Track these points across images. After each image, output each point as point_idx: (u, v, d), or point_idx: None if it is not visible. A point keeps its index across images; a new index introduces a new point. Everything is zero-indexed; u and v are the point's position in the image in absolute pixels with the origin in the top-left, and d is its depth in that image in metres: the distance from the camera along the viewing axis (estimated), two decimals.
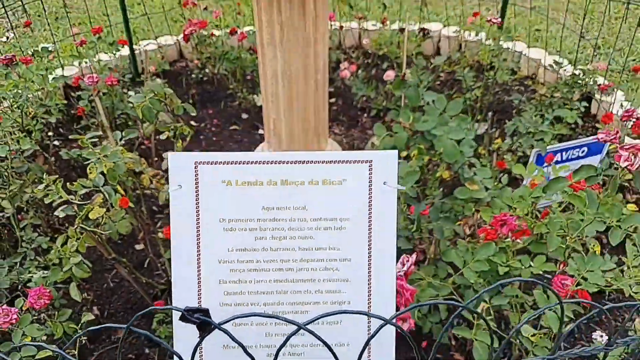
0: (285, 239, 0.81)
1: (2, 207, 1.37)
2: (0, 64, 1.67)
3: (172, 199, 0.82)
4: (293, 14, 1.43)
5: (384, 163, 0.79)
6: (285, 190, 0.79)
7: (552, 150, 1.49)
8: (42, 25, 2.68)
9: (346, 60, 2.55)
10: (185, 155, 0.80)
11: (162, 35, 2.83)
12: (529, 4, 2.68)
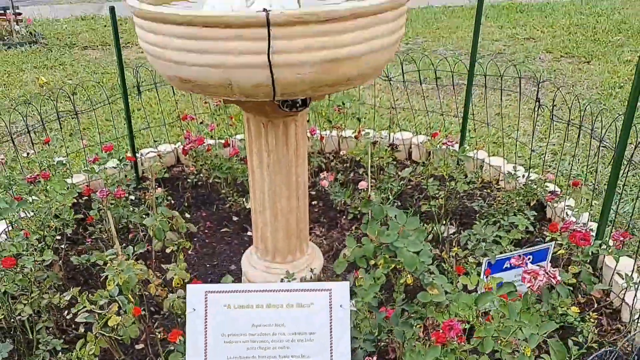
0: (269, 348, 1.03)
1: (21, 311, 1.56)
2: (26, 182, 1.92)
3: (188, 320, 1.04)
4: (278, 144, 1.71)
5: (340, 291, 1.06)
6: (269, 311, 1.02)
7: (500, 259, 1.73)
8: (58, 141, 2.98)
9: (326, 165, 2.85)
10: (199, 287, 1.04)
11: (162, 143, 3.14)
12: (486, 119, 3.04)
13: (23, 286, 1.58)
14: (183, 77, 1.37)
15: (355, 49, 1.32)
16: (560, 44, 5.39)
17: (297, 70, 1.29)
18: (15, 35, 5.77)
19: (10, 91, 4.51)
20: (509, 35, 5.85)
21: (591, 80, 4.30)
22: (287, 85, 1.32)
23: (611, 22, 6.09)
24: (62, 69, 5.11)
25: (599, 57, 4.88)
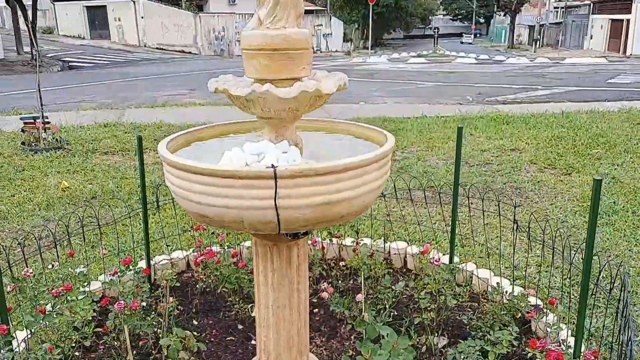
0: None
1: None
2: (51, 295, 2.16)
3: None
4: (282, 264, 1.97)
5: None
6: None
7: None
8: (79, 246, 3.26)
9: (327, 273, 3.09)
10: None
11: (175, 250, 3.40)
12: (472, 238, 3.31)
13: None
14: (202, 214, 1.66)
15: (346, 194, 1.62)
16: (543, 155, 5.79)
17: (299, 212, 1.58)
18: (42, 141, 6.24)
19: (35, 195, 4.85)
20: (496, 146, 6.28)
21: (571, 192, 4.62)
22: (290, 223, 1.61)
23: (589, 135, 6.55)
24: (83, 174, 5.50)
25: (579, 170, 5.24)
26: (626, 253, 3.49)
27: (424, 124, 7.81)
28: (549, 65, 23.00)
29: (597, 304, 2.78)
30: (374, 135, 2.04)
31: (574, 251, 2.66)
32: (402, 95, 12.80)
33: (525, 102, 10.83)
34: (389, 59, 31.20)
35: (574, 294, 2.84)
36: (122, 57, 31.25)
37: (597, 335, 2.59)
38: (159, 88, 14.51)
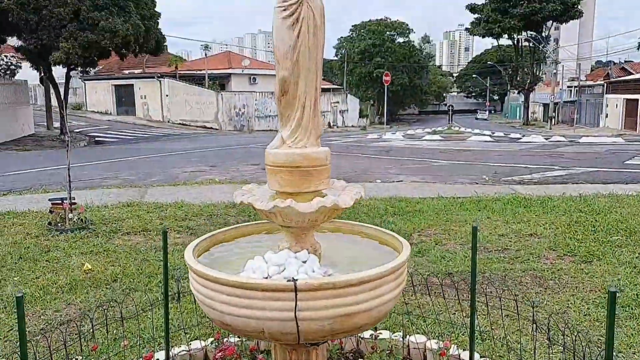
0: None
1: None
2: None
3: None
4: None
5: None
6: None
7: None
8: (103, 342, 3.32)
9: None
10: None
11: (193, 340, 3.43)
12: (491, 331, 3.30)
13: None
14: (225, 322, 1.74)
15: (364, 306, 1.69)
16: (562, 241, 5.78)
17: (318, 324, 1.65)
18: (68, 222, 6.44)
19: (58, 278, 4.95)
20: (514, 231, 6.30)
21: (592, 282, 4.59)
22: (309, 334, 1.68)
23: (609, 221, 6.55)
24: (105, 255, 5.62)
25: (600, 257, 5.21)
26: None
27: (440, 206, 7.88)
28: (564, 144, 23.20)
29: None
30: (389, 240, 2.13)
31: (597, 347, 2.64)
32: (418, 173, 12.98)
33: (542, 182, 10.90)
34: (404, 135, 31.81)
35: None
36: (147, 132, 32.38)
37: None
38: (181, 164, 14.92)
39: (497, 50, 64.90)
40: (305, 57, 1.82)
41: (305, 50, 1.82)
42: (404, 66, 65.37)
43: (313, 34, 1.81)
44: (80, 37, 21.33)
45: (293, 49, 1.81)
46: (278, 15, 1.80)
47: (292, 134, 1.89)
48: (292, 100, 1.87)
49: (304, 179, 1.86)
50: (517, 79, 55.37)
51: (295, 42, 1.80)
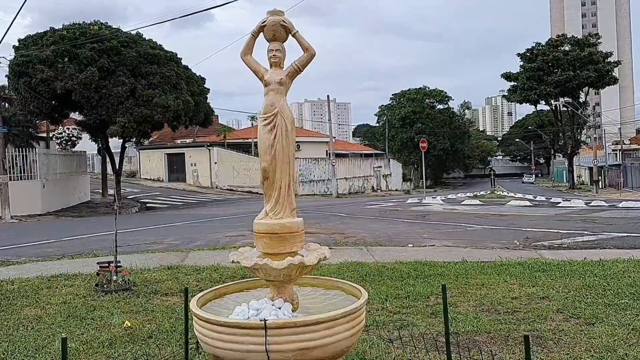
0: None
1: None
2: None
3: None
4: None
5: None
6: None
7: None
8: None
9: None
10: None
11: None
12: None
13: None
14: (216, 355, 2.27)
15: (320, 342, 2.19)
16: (571, 304, 6.00)
17: (284, 355, 2.15)
18: (113, 283, 7.14)
19: (101, 334, 5.56)
20: (527, 294, 6.55)
21: (590, 342, 4.82)
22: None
23: (620, 285, 6.70)
24: (144, 314, 6.22)
25: (603, 319, 5.42)
26: None
27: (462, 270, 8.18)
28: (603, 208, 22.84)
29: None
30: (356, 292, 2.63)
31: None
32: (451, 237, 13.21)
33: (571, 247, 10.96)
34: (444, 199, 31.91)
35: None
36: (195, 198, 33.86)
37: None
38: (223, 229, 15.71)
39: (538, 115, 65.10)
40: (280, 153, 2.43)
41: (280, 147, 2.42)
42: (444, 132, 66.20)
43: (285, 136, 2.42)
44: (136, 112, 23.19)
45: (271, 147, 2.42)
46: (261, 122, 2.44)
47: (272, 208, 2.46)
48: (271, 184, 2.47)
49: (280, 243, 2.41)
50: (559, 143, 54.97)
51: (273, 142, 2.42)
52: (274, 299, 2.41)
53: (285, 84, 2.45)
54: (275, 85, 2.44)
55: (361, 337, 5.10)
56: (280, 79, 2.44)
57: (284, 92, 2.47)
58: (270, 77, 2.46)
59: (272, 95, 2.45)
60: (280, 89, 2.45)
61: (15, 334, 5.54)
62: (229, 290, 2.76)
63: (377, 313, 5.90)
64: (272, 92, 2.45)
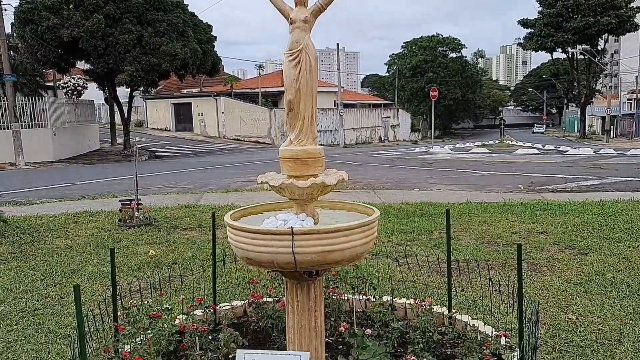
0: None
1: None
2: (150, 318, 3.16)
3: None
4: (303, 297, 2.88)
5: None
6: None
7: None
8: (168, 292, 4.32)
9: (350, 322, 3.91)
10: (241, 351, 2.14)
11: (235, 300, 4.36)
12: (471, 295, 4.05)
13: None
14: (248, 257, 2.64)
15: (339, 247, 2.55)
16: (568, 238, 6.39)
17: (307, 257, 2.52)
18: (135, 219, 7.58)
19: (128, 261, 6.03)
20: (527, 229, 6.93)
21: (581, 269, 5.22)
22: (302, 264, 2.55)
23: (617, 222, 7.06)
24: (166, 245, 6.68)
25: (596, 250, 5.81)
26: (609, 315, 4.06)
27: (466, 209, 8.56)
28: (611, 156, 23.03)
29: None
30: (369, 211, 2.97)
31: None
32: (456, 183, 13.55)
33: (574, 191, 11.29)
34: (452, 148, 32.08)
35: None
36: (203, 147, 34.19)
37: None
38: (233, 175, 16.13)
39: (553, 64, 63.89)
40: (304, 86, 2.71)
41: (304, 81, 2.71)
42: (456, 81, 65.37)
43: (309, 71, 2.70)
44: (143, 61, 23.22)
45: (295, 81, 2.71)
46: (286, 59, 2.71)
47: (297, 136, 2.77)
48: (296, 115, 2.76)
49: (303, 166, 2.74)
50: (573, 92, 54.30)
51: (297, 76, 2.70)
52: (298, 214, 2.75)
53: (310, 22, 2.70)
54: (300, 23, 2.69)
55: (370, 261, 5.54)
56: (305, 17, 2.69)
57: (309, 29, 2.72)
58: (295, 16, 2.71)
59: (297, 33, 2.71)
60: (305, 27, 2.70)
61: (50, 259, 6.02)
62: (255, 210, 3.11)
63: (384, 245, 6.31)
64: (297, 29, 2.71)
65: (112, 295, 3.33)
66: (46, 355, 3.73)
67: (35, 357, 3.71)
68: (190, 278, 5.16)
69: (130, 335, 3.12)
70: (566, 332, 3.84)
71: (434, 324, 3.54)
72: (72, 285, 3.06)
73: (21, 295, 4.94)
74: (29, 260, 6.02)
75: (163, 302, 3.86)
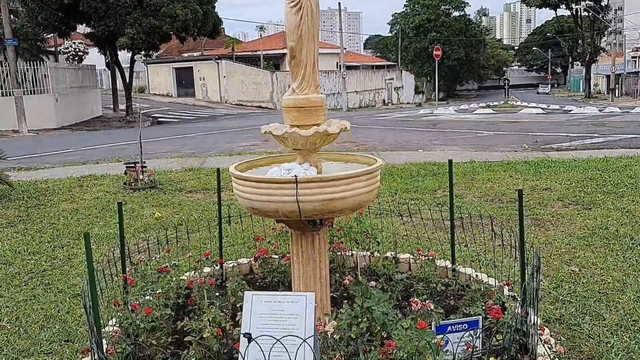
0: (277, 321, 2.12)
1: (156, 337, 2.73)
2: (157, 272, 3.20)
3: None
4: (308, 248, 2.90)
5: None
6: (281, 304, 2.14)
7: (446, 324, 2.72)
8: (175, 250, 4.36)
9: (354, 276, 3.95)
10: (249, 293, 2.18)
11: (241, 258, 4.41)
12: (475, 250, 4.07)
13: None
14: (253, 207, 2.65)
15: (342, 195, 2.55)
16: (571, 194, 6.38)
17: (311, 205, 2.53)
18: (140, 182, 7.61)
19: (135, 222, 6.08)
20: (531, 186, 6.93)
21: (584, 223, 5.23)
22: (306, 212, 2.56)
23: (620, 177, 7.04)
24: (172, 207, 6.72)
25: (600, 205, 5.81)
26: (612, 267, 4.09)
27: (470, 168, 8.54)
28: (616, 114, 22.80)
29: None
30: (372, 162, 2.96)
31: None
32: (460, 143, 13.48)
33: (579, 149, 11.23)
34: (456, 109, 31.81)
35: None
36: (205, 112, 34.02)
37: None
38: (236, 139, 16.08)
39: (557, 21, 62.48)
40: (306, 33, 2.66)
41: (306, 28, 2.66)
42: (460, 40, 64.25)
43: (311, 17, 2.65)
44: (144, 23, 22.88)
45: (297, 27, 2.66)
46: (288, 4, 2.66)
47: (299, 85, 2.74)
48: (298, 62, 2.72)
49: (306, 115, 2.72)
50: (578, 50, 53.30)
51: (299, 22, 2.65)
52: (302, 164, 2.75)
53: None
54: None
55: (374, 220, 5.56)
56: None
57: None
58: None
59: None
60: None
61: (57, 222, 6.08)
62: (259, 163, 3.11)
63: (387, 204, 6.32)
64: None
65: (121, 250, 3.37)
66: (56, 313, 3.79)
67: (46, 315, 3.77)
68: (197, 238, 5.21)
69: (140, 288, 3.17)
70: (569, 284, 3.87)
71: (438, 276, 3.57)
72: (83, 234, 3.07)
73: (29, 257, 5.00)
74: (35, 223, 6.08)
75: (171, 258, 3.92)
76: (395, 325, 2.49)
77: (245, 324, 2.22)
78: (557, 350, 2.60)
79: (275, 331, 2.10)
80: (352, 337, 2.50)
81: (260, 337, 1.92)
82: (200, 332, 2.47)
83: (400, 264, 3.94)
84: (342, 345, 2.43)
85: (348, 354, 2.43)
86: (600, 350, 2.95)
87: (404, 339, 2.27)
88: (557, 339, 2.94)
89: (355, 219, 4.11)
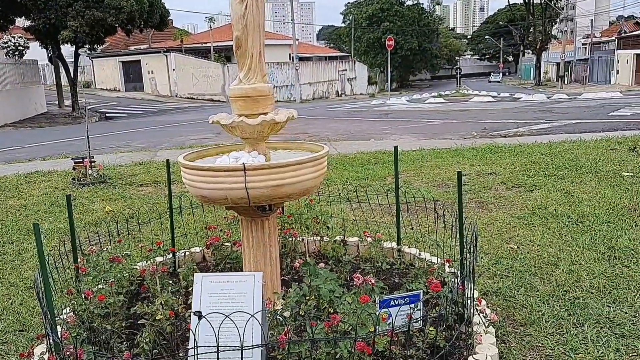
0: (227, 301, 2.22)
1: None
2: (109, 262, 3.23)
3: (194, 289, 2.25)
4: (258, 232, 2.99)
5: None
6: (230, 290, 2.23)
7: (388, 298, 2.86)
8: (127, 242, 4.36)
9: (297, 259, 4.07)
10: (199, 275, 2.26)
11: (193, 247, 4.45)
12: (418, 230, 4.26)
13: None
14: (203, 195, 2.72)
15: (289, 180, 2.65)
16: (515, 177, 6.70)
17: (259, 191, 2.62)
18: (89, 177, 7.48)
19: (85, 217, 6.00)
20: (476, 171, 7.22)
21: (525, 204, 5.52)
22: (255, 198, 2.65)
23: (563, 161, 7.44)
24: (122, 201, 6.65)
25: (541, 187, 6.14)
26: (548, 243, 4.37)
27: (419, 155, 8.80)
28: (563, 100, 23.74)
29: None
30: (318, 149, 3.07)
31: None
32: (411, 132, 13.78)
33: (525, 135, 11.68)
34: (409, 99, 32.34)
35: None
36: (155, 107, 33.33)
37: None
38: (188, 133, 15.90)
39: (510, 10, 63.86)
40: (251, 22, 2.74)
41: (251, 17, 2.73)
42: (413, 30, 64.90)
43: (256, 7, 2.72)
44: (87, 15, 22.17)
45: (242, 17, 2.72)
46: None
47: (246, 75, 2.81)
48: (244, 52, 2.79)
49: (253, 104, 2.79)
50: (529, 38, 54.28)
51: (244, 12, 2.72)
52: (250, 152, 2.83)
53: None
54: None
55: (324, 207, 5.70)
56: None
57: None
58: None
59: None
60: None
61: (5, 219, 5.93)
62: (208, 153, 3.17)
63: (338, 192, 6.47)
64: None
65: (72, 241, 3.36)
66: (9, 305, 3.77)
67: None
68: (149, 230, 5.20)
69: (92, 278, 3.18)
70: (507, 260, 4.11)
71: (384, 256, 3.73)
72: (32, 224, 3.06)
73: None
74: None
75: (123, 249, 3.93)
76: (340, 300, 2.63)
77: (195, 304, 2.30)
78: (491, 319, 2.79)
79: (225, 309, 2.18)
80: (301, 313, 2.62)
81: (210, 314, 2.00)
82: (153, 315, 2.53)
83: (349, 247, 4.08)
84: (290, 320, 2.54)
85: (296, 328, 2.55)
86: (532, 318, 3.18)
87: (347, 312, 2.41)
88: (492, 309, 3.15)
89: (306, 205, 4.23)
